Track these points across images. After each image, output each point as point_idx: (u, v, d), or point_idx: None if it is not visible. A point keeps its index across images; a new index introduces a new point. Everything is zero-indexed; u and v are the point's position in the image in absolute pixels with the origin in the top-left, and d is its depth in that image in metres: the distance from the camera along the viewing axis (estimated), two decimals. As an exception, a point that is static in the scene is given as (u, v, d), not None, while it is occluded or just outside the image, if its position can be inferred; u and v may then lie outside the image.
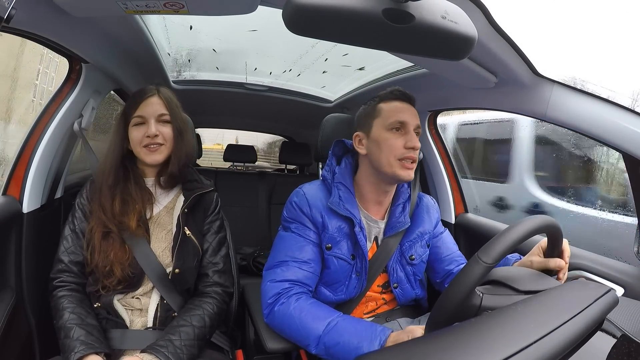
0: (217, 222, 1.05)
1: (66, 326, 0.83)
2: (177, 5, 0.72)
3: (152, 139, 0.93)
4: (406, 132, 0.92)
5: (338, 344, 0.78)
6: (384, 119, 0.93)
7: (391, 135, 0.91)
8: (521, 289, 0.58)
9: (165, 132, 0.95)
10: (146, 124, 0.94)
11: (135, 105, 0.95)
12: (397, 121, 0.91)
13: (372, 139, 0.94)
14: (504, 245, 0.53)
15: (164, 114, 0.96)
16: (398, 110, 0.93)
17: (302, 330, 0.82)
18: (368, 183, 0.98)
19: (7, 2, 0.49)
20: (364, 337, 0.77)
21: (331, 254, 0.94)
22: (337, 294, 0.96)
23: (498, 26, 0.77)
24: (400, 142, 0.90)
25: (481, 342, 0.42)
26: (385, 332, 0.78)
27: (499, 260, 0.53)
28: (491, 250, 0.53)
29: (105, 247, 0.90)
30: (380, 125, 0.93)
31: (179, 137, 0.97)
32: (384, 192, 0.98)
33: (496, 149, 3.26)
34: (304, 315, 0.84)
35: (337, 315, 0.84)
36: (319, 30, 0.53)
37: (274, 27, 0.85)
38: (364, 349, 0.75)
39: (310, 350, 0.82)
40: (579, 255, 1.02)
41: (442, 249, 1.08)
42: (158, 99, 0.96)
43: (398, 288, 1.01)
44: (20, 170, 1.02)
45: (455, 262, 1.06)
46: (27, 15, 0.74)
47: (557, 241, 0.72)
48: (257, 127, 2.99)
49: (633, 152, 0.82)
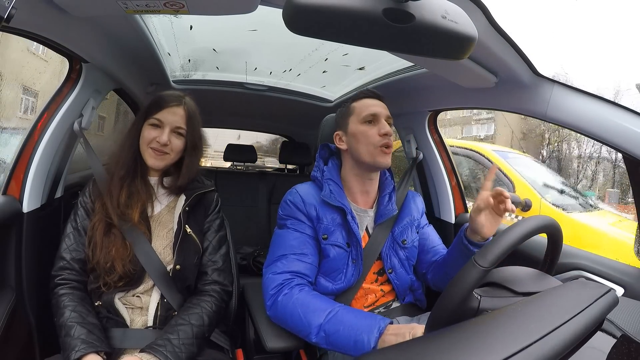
0: (217, 220, 1.05)
1: (67, 324, 0.83)
2: (177, 5, 0.72)
3: (161, 146, 0.95)
4: (378, 122, 1.01)
5: (337, 331, 0.81)
6: (357, 115, 1.03)
7: (366, 127, 1.00)
8: (519, 291, 0.58)
9: (176, 144, 0.97)
10: (161, 129, 0.96)
11: (158, 108, 0.97)
12: (369, 114, 1.01)
13: (350, 134, 1.03)
14: (501, 249, 0.53)
15: (181, 128, 0.98)
16: (368, 105, 1.03)
17: (304, 320, 0.85)
18: (352, 175, 1.05)
19: (7, 2, 0.49)
20: (363, 325, 0.80)
21: (328, 243, 0.98)
22: (337, 283, 0.99)
23: (498, 26, 0.77)
24: (375, 131, 0.99)
25: (481, 342, 0.42)
26: (385, 320, 0.80)
27: (497, 263, 0.53)
28: (488, 254, 0.53)
29: (107, 244, 0.91)
30: (355, 121, 1.03)
31: (192, 152, 1.00)
32: (369, 180, 1.06)
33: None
34: (306, 305, 0.86)
35: (338, 305, 0.87)
36: (319, 30, 0.53)
37: (274, 27, 0.85)
38: (362, 337, 0.77)
39: (310, 339, 0.84)
40: (579, 255, 1.02)
41: (428, 240, 1.14)
42: (182, 110, 0.98)
43: (393, 273, 1.05)
44: (20, 170, 1.02)
45: (439, 254, 1.11)
46: (27, 15, 0.74)
47: (557, 242, 0.72)
48: (257, 127, 2.99)
49: (633, 152, 0.82)
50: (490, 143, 4.89)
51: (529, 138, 9.17)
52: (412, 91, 1.38)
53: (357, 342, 0.78)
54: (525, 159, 3.61)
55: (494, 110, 1.41)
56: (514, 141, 8.73)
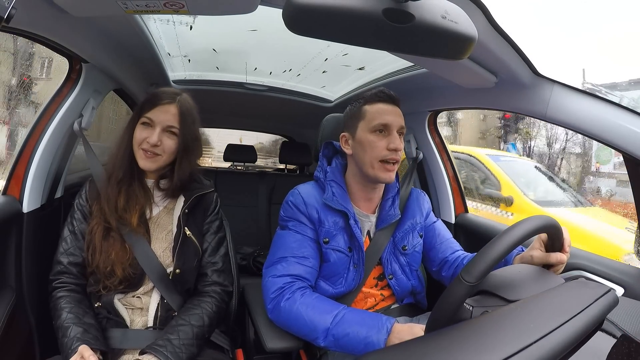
0: (216, 222, 1.05)
1: (63, 325, 0.83)
2: (177, 5, 0.72)
3: (152, 146, 0.91)
4: (389, 134, 0.94)
5: (347, 334, 0.81)
6: (367, 122, 0.96)
7: (374, 137, 0.94)
8: (511, 299, 0.57)
9: (167, 145, 0.93)
10: (152, 128, 0.92)
11: (150, 107, 0.93)
12: (380, 124, 0.94)
13: (357, 140, 0.97)
14: (485, 264, 0.53)
15: (173, 127, 0.93)
16: (382, 112, 0.95)
17: (310, 325, 0.84)
18: (355, 182, 1.02)
19: (7, 2, 0.49)
20: (371, 327, 0.80)
21: (329, 247, 0.97)
22: (337, 287, 0.98)
23: (498, 26, 0.77)
24: (383, 143, 0.93)
25: (481, 342, 0.42)
26: (391, 320, 0.81)
27: (482, 278, 0.53)
28: (473, 270, 0.52)
29: (106, 247, 0.90)
30: (364, 127, 0.96)
31: (184, 154, 0.95)
32: (372, 190, 1.02)
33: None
34: (311, 309, 0.86)
35: (342, 307, 0.86)
36: (319, 30, 0.53)
37: (274, 27, 0.85)
38: (372, 338, 0.78)
39: (318, 343, 0.84)
40: (579, 255, 1.02)
41: (436, 237, 1.10)
42: (174, 108, 0.93)
43: (393, 279, 1.03)
44: (20, 170, 1.02)
45: (450, 248, 1.08)
46: (27, 15, 0.74)
47: (556, 242, 0.72)
48: (257, 127, 2.99)
49: (633, 152, 0.82)
50: (451, 143, 5.62)
51: (487, 138, 10.33)
52: (412, 91, 1.38)
53: (368, 344, 0.78)
54: (521, 161, 4.13)
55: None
56: (473, 141, 9.70)
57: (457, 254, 1.06)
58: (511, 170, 3.35)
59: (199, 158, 1.04)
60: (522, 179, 3.36)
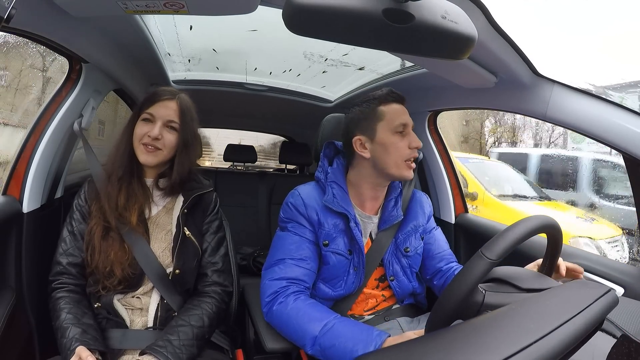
0: (215, 222, 1.04)
1: (62, 326, 0.83)
2: (177, 5, 0.72)
3: (153, 140, 0.92)
4: (408, 133, 0.96)
5: (333, 346, 0.79)
6: (388, 123, 0.95)
7: (397, 138, 0.94)
8: (523, 287, 0.58)
9: (168, 139, 0.94)
10: (153, 123, 0.93)
11: (150, 103, 0.95)
12: (401, 124, 0.95)
13: (378, 142, 0.95)
14: (507, 242, 0.54)
15: (174, 121, 0.94)
16: (399, 113, 0.96)
17: (299, 331, 0.83)
18: (366, 182, 1.00)
19: (7, 2, 0.49)
20: (359, 341, 0.78)
21: (328, 250, 0.96)
22: (336, 290, 0.97)
23: (498, 26, 0.77)
24: (405, 143, 0.94)
25: (481, 342, 0.42)
26: (382, 336, 0.78)
27: (503, 256, 0.54)
28: (495, 247, 0.53)
29: (106, 248, 0.90)
30: (385, 128, 0.95)
31: (183, 150, 0.96)
32: (382, 188, 1.03)
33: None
34: (301, 315, 0.84)
35: (333, 317, 0.84)
36: (319, 30, 0.53)
37: (274, 27, 0.85)
38: (359, 353, 0.75)
39: (306, 350, 0.83)
40: (579, 255, 1.02)
41: (434, 245, 1.10)
42: (174, 104, 0.95)
43: (394, 281, 1.02)
44: (20, 170, 1.02)
45: (445, 260, 1.08)
46: (27, 15, 0.74)
47: (557, 242, 0.72)
48: (256, 127, 2.99)
49: (633, 152, 0.82)
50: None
51: (469, 141, 10.84)
52: (412, 91, 1.37)
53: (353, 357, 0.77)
54: (490, 163, 4.95)
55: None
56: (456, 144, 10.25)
57: (451, 265, 1.07)
58: (478, 171, 3.95)
59: (199, 157, 1.05)
60: (487, 178, 3.94)
